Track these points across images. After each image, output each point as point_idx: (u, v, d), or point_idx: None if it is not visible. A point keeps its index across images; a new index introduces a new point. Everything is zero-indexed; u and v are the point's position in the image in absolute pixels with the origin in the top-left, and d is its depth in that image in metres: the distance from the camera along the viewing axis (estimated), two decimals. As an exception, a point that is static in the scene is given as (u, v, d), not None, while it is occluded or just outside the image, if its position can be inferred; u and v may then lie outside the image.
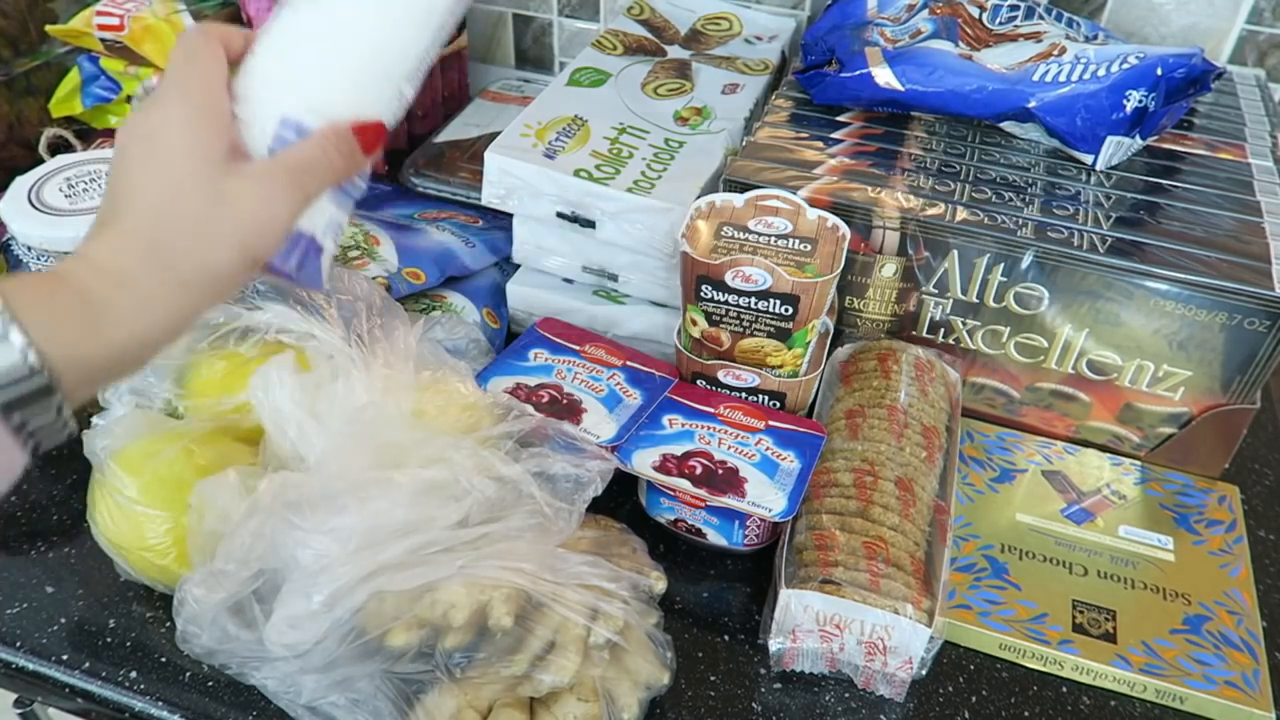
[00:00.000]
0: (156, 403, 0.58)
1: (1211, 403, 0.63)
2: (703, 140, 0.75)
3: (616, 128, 0.75)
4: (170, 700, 0.52)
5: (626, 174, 0.70)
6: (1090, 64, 0.66)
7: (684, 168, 0.71)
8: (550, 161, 0.70)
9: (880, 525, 0.54)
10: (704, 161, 0.72)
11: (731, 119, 0.77)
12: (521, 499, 0.51)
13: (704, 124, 0.77)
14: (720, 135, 0.75)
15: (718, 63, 0.86)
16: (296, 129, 0.42)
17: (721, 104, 0.80)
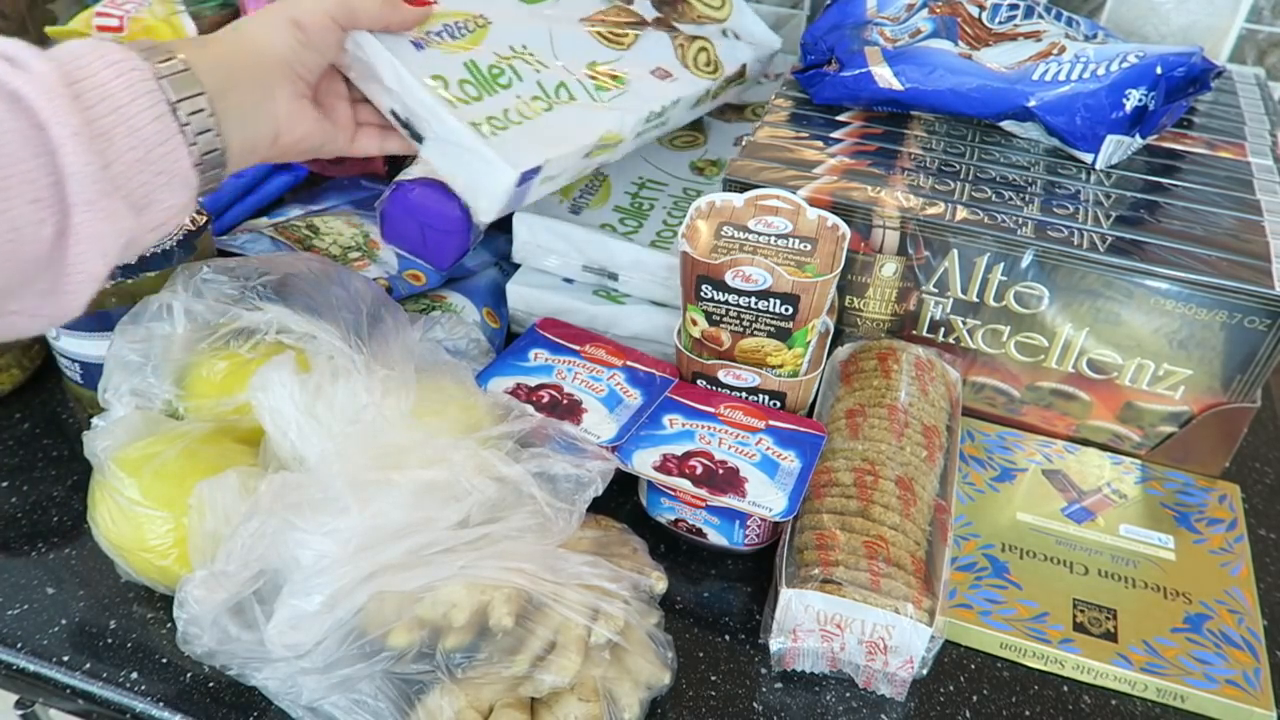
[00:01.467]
0: (157, 404, 0.58)
1: (1212, 401, 0.63)
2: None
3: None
4: (171, 701, 0.52)
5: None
6: (1090, 63, 0.66)
7: None
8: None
9: (881, 525, 0.54)
10: None
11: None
12: (522, 499, 0.51)
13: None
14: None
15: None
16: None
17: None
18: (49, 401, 0.70)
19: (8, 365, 0.69)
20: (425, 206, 0.71)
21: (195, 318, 0.57)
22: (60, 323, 0.44)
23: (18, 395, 0.70)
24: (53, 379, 0.71)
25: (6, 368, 0.69)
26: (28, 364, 0.70)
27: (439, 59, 0.59)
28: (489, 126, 0.59)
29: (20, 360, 0.70)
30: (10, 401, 0.70)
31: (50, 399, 0.70)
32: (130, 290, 0.59)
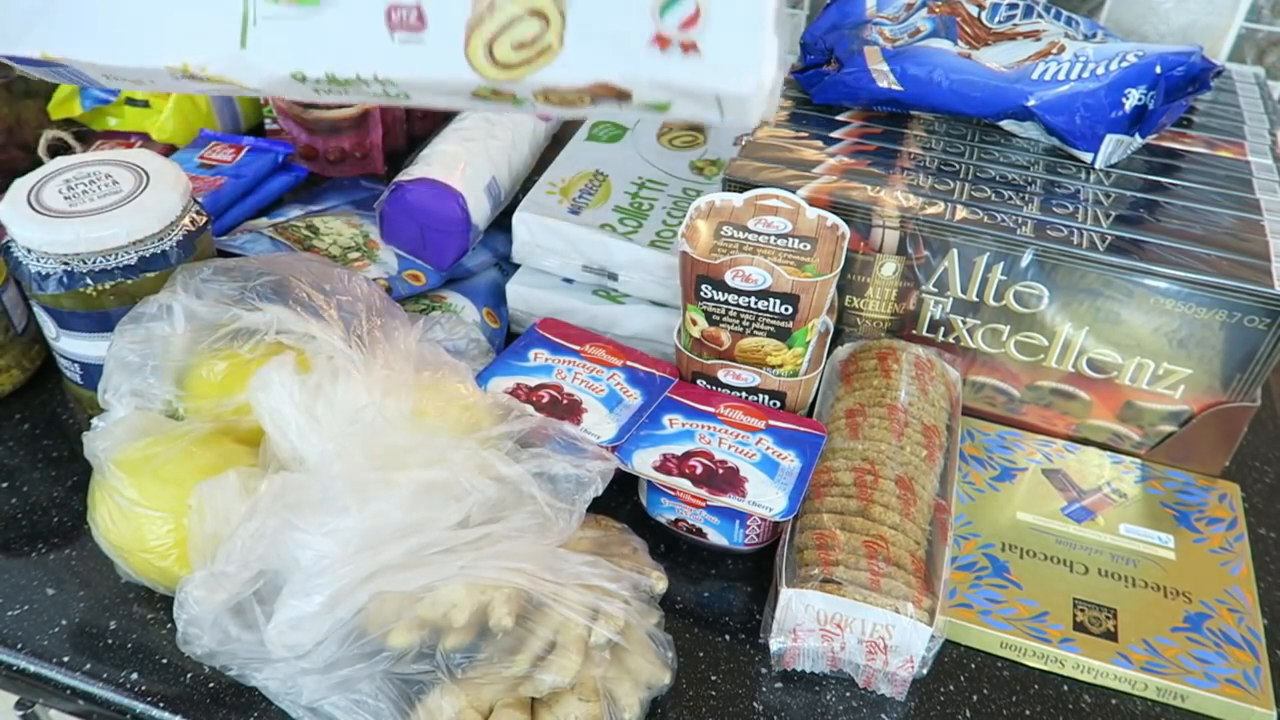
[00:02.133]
0: (156, 404, 0.58)
1: (1212, 400, 0.63)
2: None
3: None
4: (171, 702, 0.52)
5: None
6: (1089, 62, 0.66)
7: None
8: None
9: (881, 524, 0.54)
10: None
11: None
12: (522, 499, 0.51)
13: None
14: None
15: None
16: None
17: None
18: (49, 402, 0.70)
19: (7, 366, 0.69)
20: (425, 207, 0.71)
21: (195, 318, 0.57)
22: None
23: (18, 396, 0.70)
24: (52, 380, 0.72)
25: (6, 368, 0.69)
26: (28, 365, 0.70)
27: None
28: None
29: (20, 361, 0.70)
30: (10, 402, 0.70)
31: (50, 400, 0.70)
32: (130, 290, 0.59)
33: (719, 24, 0.33)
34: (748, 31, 0.33)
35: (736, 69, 0.34)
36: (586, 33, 0.34)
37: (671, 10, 0.34)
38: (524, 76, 0.35)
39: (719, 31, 0.33)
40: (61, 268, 0.58)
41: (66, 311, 0.60)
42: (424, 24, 0.36)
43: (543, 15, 0.34)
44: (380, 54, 0.36)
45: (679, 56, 0.34)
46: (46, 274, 0.58)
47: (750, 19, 0.33)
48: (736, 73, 0.34)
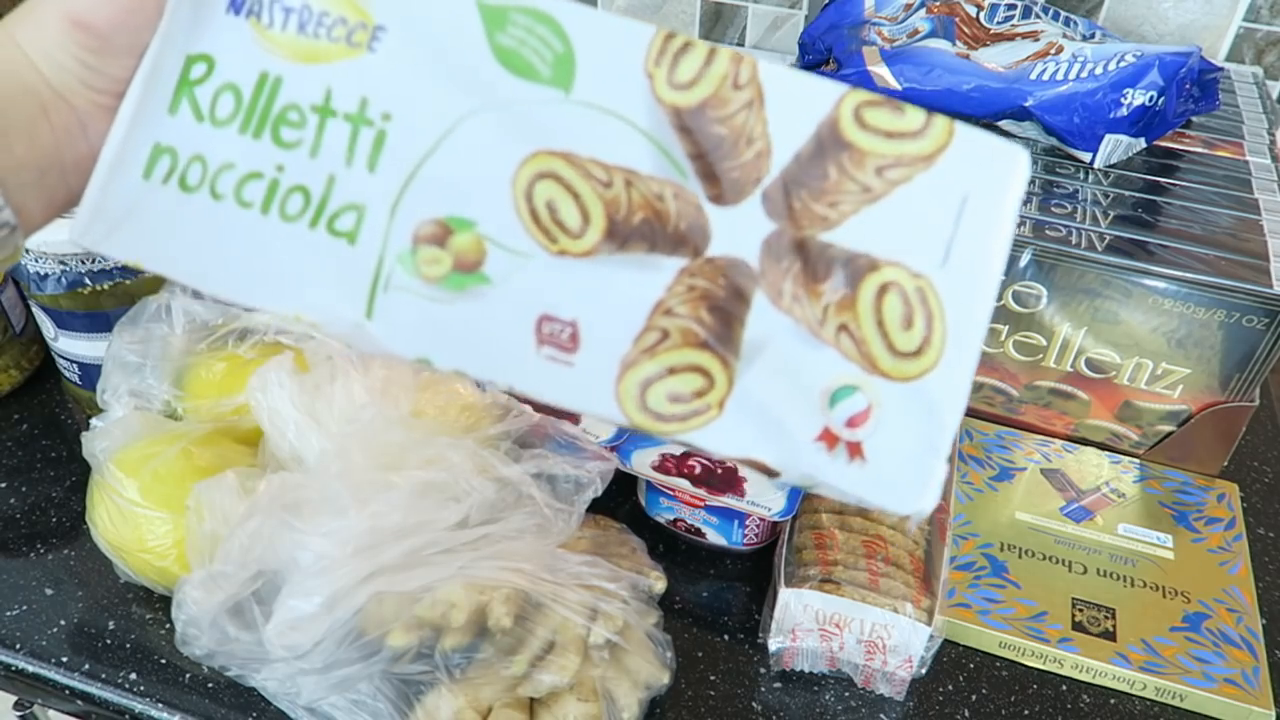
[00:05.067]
0: (155, 404, 0.58)
1: (1210, 400, 0.63)
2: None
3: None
4: (170, 702, 0.52)
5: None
6: (1088, 62, 0.66)
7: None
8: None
9: (879, 524, 0.54)
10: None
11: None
12: (521, 500, 0.51)
13: None
14: None
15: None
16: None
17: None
18: (48, 402, 0.70)
19: (6, 366, 0.69)
20: None
21: (194, 318, 0.57)
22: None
23: (16, 396, 0.70)
24: (51, 380, 0.71)
25: (5, 369, 0.69)
26: (26, 365, 0.70)
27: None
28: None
29: (19, 361, 0.70)
30: (9, 402, 0.70)
31: (49, 400, 0.70)
32: (129, 291, 0.59)
33: (890, 434, 0.30)
34: (919, 452, 0.30)
35: (899, 490, 0.30)
36: (751, 407, 0.31)
37: (842, 401, 0.31)
38: (673, 433, 0.31)
39: (889, 443, 0.30)
40: (60, 268, 0.58)
41: (65, 312, 0.60)
42: (577, 346, 0.31)
43: (708, 375, 0.31)
44: (521, 365, 0.32)
45: (844, 459, 0.31)
46: (45, 274, 0.58)
47: (925, 438, 0.30)
48: (898, 495, 0.30)
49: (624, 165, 0.31)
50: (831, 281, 0.31)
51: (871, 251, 0.31)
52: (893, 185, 0.31)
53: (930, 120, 0.30)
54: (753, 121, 0.31)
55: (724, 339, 0.31)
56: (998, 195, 0.31)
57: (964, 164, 0.30)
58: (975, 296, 0.31)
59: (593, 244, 0.31)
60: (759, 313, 0.31)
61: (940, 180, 0.30)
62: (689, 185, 0.31)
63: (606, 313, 0.31)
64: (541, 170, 0.31)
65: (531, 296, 0.31)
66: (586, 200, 0.31)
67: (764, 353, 0.31)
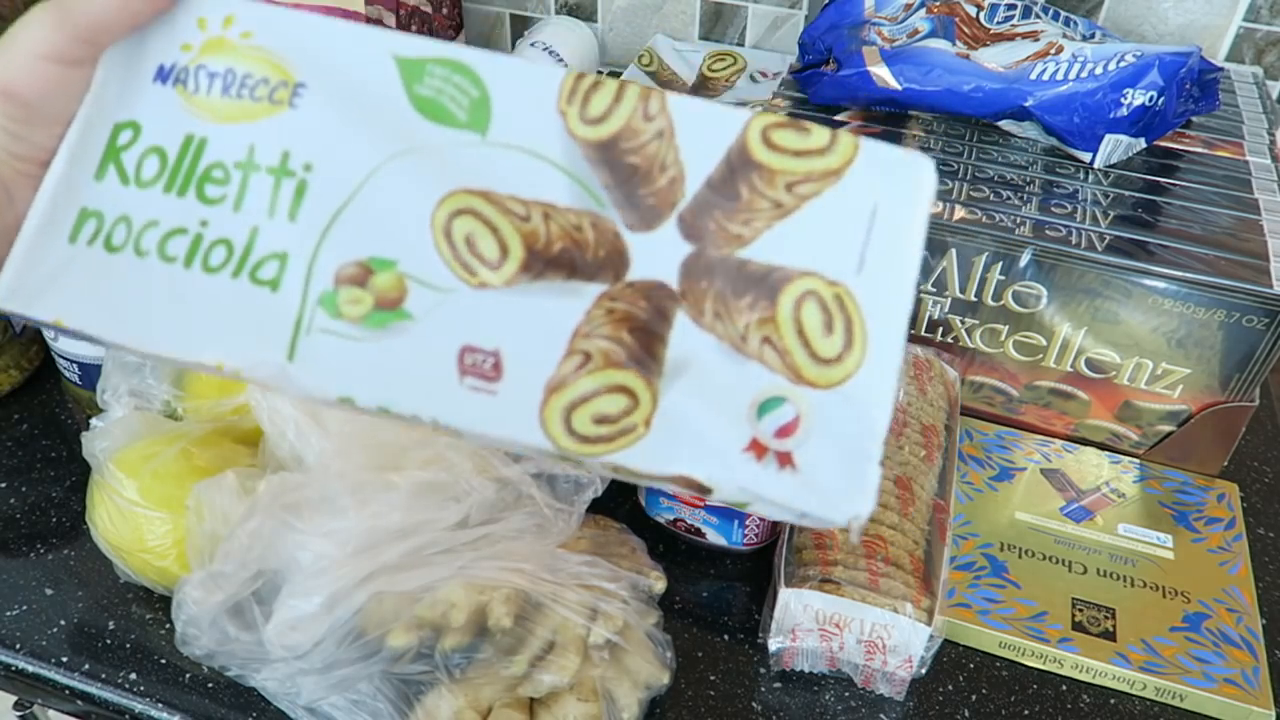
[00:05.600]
0: (155, 404, 0.58)
1: (1210, 400, 0.63)
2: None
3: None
4: (170, 702, 0.52)
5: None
6: (1088, 62, 0.66)
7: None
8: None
9: (879, 524, 0.54)
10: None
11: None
12: (521, 500, 0.51)
13: None
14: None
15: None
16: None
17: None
18: (47, 402, 0.70)
19: (6, 366, 0.69)
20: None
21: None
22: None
23: (16, 396, 0.70)
24: (51, 380, 0.71)
25: (5, 369, 0.69)
26: (26, 365, 0.70)
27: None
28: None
29: (19, 361, 0.70)
30: (9, 402, 0.70)
31: (49, 400, 0.70)
32: (128, 291, 0.59)
33: (820, 441, 0.30)
34: (851, 457, 0.30)
35: (833, 497, 0.30)
36: (678, 423, 0.31)
37: (770, 413, 0.31)
38: (600, 455, 0.31)
39: (819, 450, 0.30)
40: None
41: (65, 312, 0.60)
42: (500, 375, 0.31)
43: (632, 394, 0.31)
44: (444, 398, 0.32)
45: (774, 469, 0.31)
46: (45, 274, 0.58)
47: (855, 443, 0.30)
48: (832, 501, 0.30)
49: (541, 199, 0.32)
50: (751, 296, 0.31)
51: (787, 264, 0.31)
52: (803, 200, 0.31)
53: (836, 137, 0.31)
54: (665, 150, 0.32)
55: (646, 359, 0.31)
56: (906, 202, 0.31)
57: (871, 175, 0.31)
58: (892, 301, 0.31)
59: (511, 274, 0.32)
60: (681, 332, 0.31)
61: (849, 192, 0.31)
62: (606, 214, 0.32)
63: (528, 341, 0.31)
64: (460, 207, 0.32)
65: (453, 330, 0.32)
66: (504, 233, 0.32)
67: (688, 370, 0.31)
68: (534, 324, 0.32)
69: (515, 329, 0.32)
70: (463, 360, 0.31)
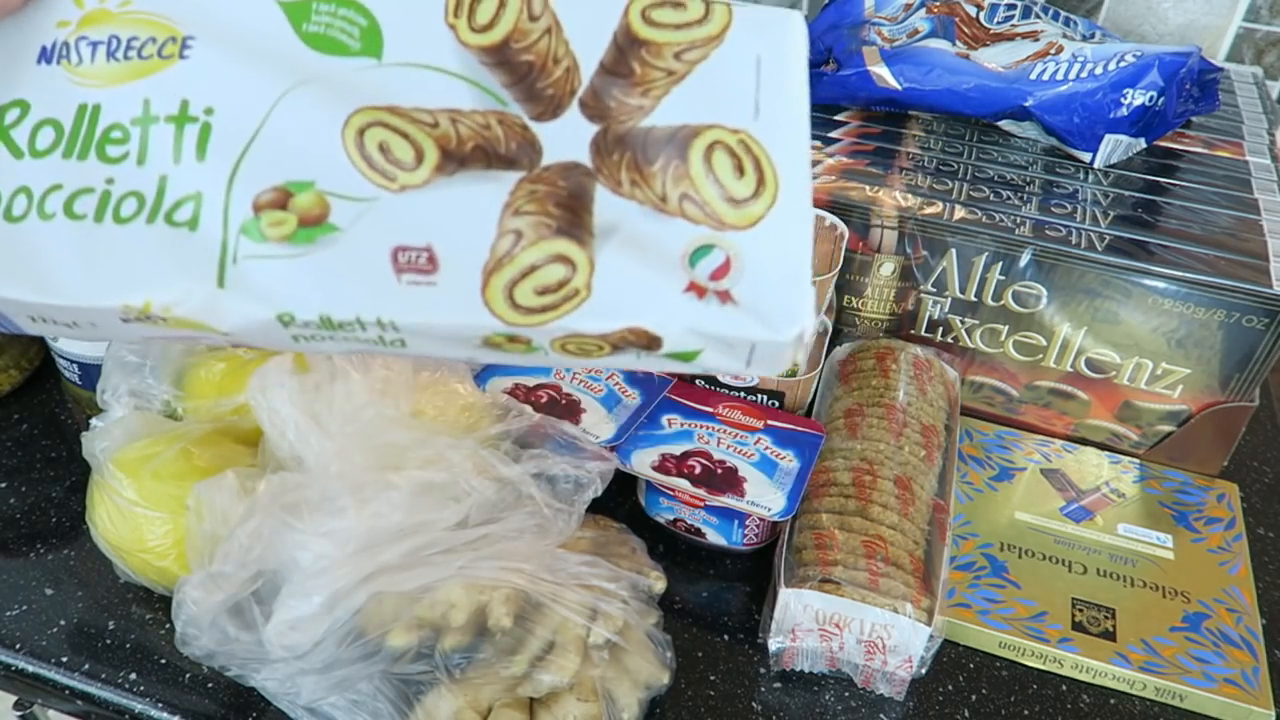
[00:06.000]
0: (155, 404, 0.58)
1: (1210, 400, 0.63)
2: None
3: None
4: (170, 702, 0.52)
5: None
6: (1088, 62, 0.66)
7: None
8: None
9: (879, 524, 0.54)
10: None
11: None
12: (521, 500, 0.51)
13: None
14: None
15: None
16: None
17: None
18: (47, 402, 0.70)
19: (6, 366, 0.69)
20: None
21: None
22: None
23: (16, 396, 0.70)
24: (51, 380, 0.71)
25: (5, 369, 0.69)
26: (26, 365, 0.70)
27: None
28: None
29: (19, 361, 0.70)
30: (9, 402, 0.70)
31: (49, 400, 0.70)
32: (128, 291, 0.59)
33: (752, 275, 0.32)
34: (784, 282, 0.32)
35: (776, 320, 0.32)
36: (617, 280, 0.32)
37: (701, 260, 0.32)
38: (549, 322, 0.32)
39: (753, 283, 0.32)
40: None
41: (65, 312, 0.60)
42: (436, 267, 0.32)
43: (569, 261, 0.32)
44: (385, 296, 0.32)
45: (716, 304, 0.32)
46: (45, 274, 0.58)
47: (785, 269, 0.32)
48: (776, 323, 0.32)
49: (447, 107, 0.34)
50: (662, 158, 0.33)
51: (690, 121, 0.34)
52: (692, 65, 0.34)
53: (710, 6, 0.34)
54: (555, 44, 0.34)
55: (576, 228, 0.33)
56: (786, 50, 0.34)
57: (750, 32, 0.34)
58: (792, 137, 0.34)
59: (429, 174, 0.33)
60: (603, 203, 0.33)
61: (733, 50, 0.34)
62: (511, 110, 0.34)
63: (457, 230, 0.33)
64: (368, 121, 0.33)
65: (381, 233, 0.33)
66: (416, 138, 0.33)
67: (616, 234, 0.33)
68: (460, 215, 0.33)
69: (443, 222, 0.33)
70: (396, 259, 0.32)
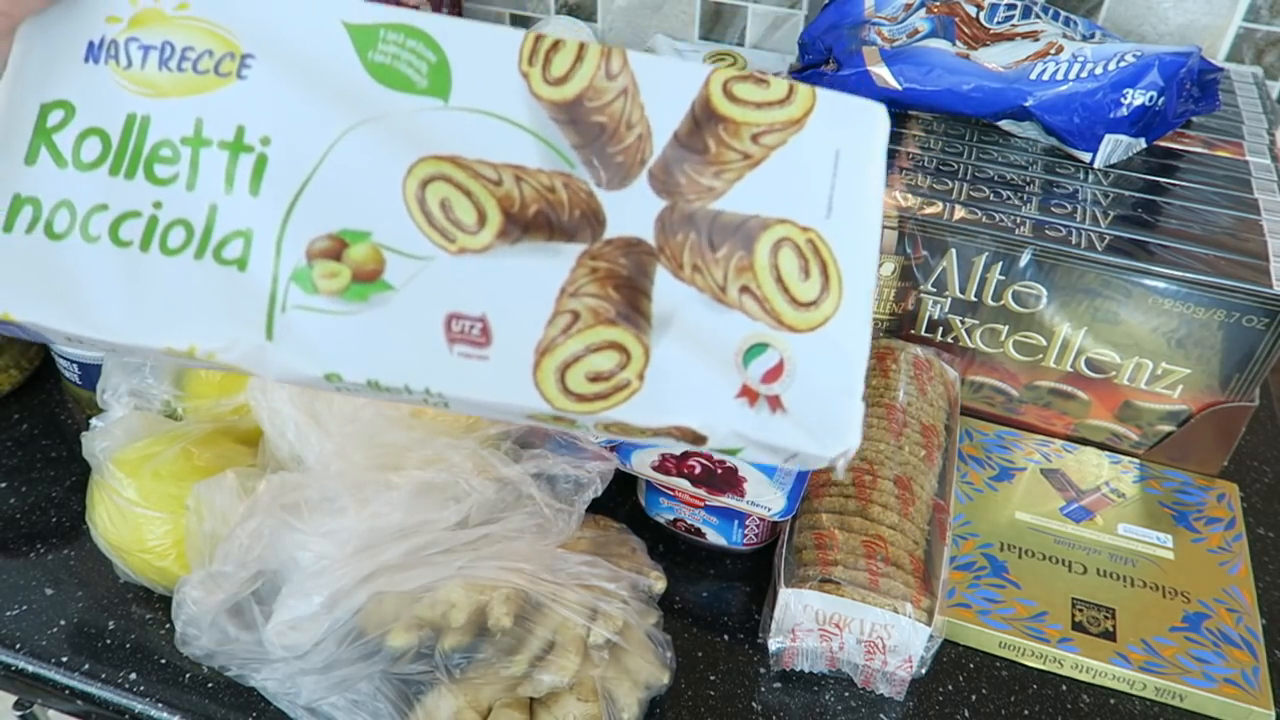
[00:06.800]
0: (155, 404, 0.58)
1: (1210, 400, 0.63)
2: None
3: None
4: (170, 702, 0.52)
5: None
6: (1088, 62, 0.66)
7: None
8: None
9: (879, 524, 0.54)
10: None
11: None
12: (521, 500, 0.51)
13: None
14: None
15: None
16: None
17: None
18: (47, 402, 0.70)
19: (6, 366, 0.69)
20: None
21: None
22: None
23: (16, 396, 0.70)
24: (51, 380, 0.71)
25: (5, 368, 0.69)
26: (26, 365, 0.70)
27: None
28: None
29: (19, 361, 0.70)
30: (9, 402, 0.70)
31: (49, 400, 0.70)
32: (128, 291, 0.59)
33: (805, 383, 0.32)
34: (836, 394, 0.32)
35: (822, 435, 0.31)
36: (670, 375, 0.31)
37: (755, 359, 0.32)
38: (598, 411, 0.31)
39: (805, 391, 0.32)
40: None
41: (65, 312, 0.60)
42: (489, 340, 0.31)
43: (624, 349, 0.31)
44: (434, 366, 0.31)
45: (766, 412, 0.31)
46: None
47: (839, 380, 0.32)
48: (821, 439, 0.31)
49: (512, 162, 0.32)
50: (727, 247, 0.32)
51: (760, 212, 0.32)
52: (769, 150, 0.33)
53: (794, 87, 0.33)
54: (630, 108, 0.33)
55: (634, 314, 0.32)
56: (866, 147, 0.33)
57: (831, 123, 0.33)
58: (862, 242, 0.33)
59: (491, 239, 0.32)
60: (663, 286, 0.32)
61: (812, 140, 0.33)
62: (578, 174, 0.32)
63: (514, 304, 0.31)
64: (431, 174, 0.32)
65: (437, 297, 0.31)
66: (479, 198, 0.32)
67: (673, 323, 0.32)
68: (518, 287, 0.32)
69: (500, 293, 0.31)
70: (449, 328, 0.31)
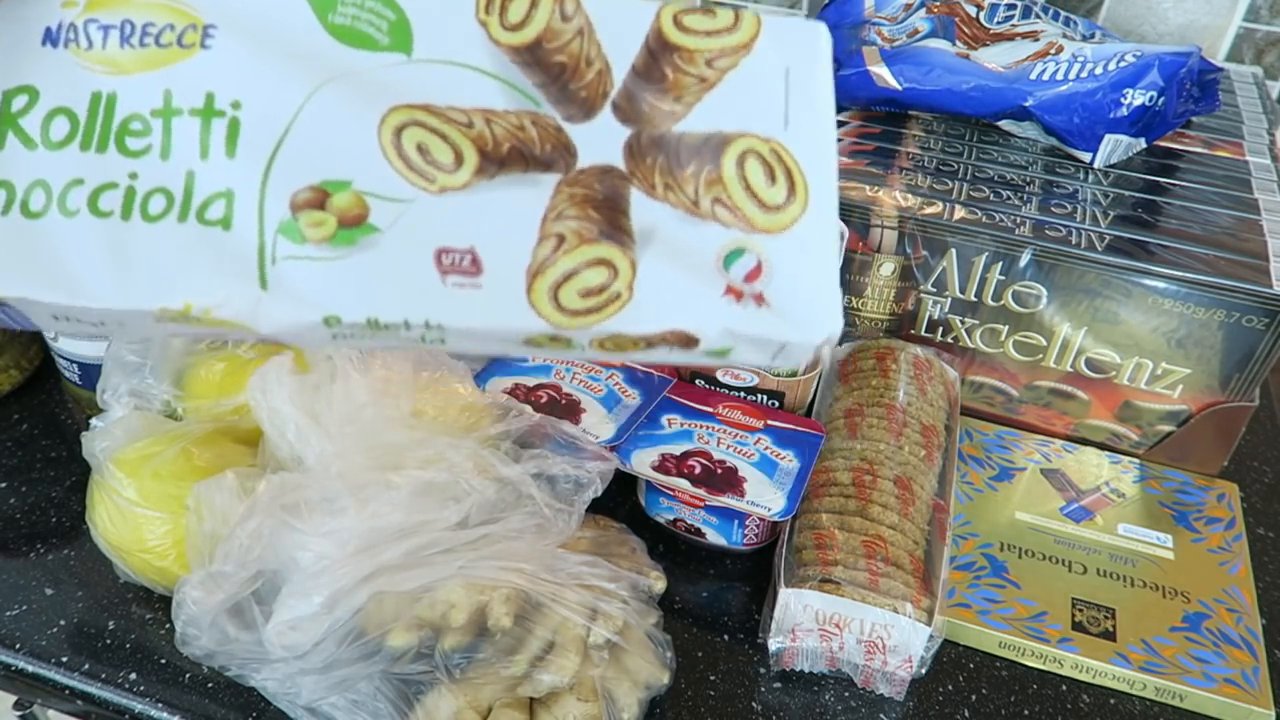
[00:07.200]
0: (155, 404, 0.58)
1: (1210, 400, 0.63)
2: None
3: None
4: (170, 702, 0.52)
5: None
6: (1088, 62, 0.66)
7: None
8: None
9: (879, 524, 0.54)
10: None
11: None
12: (521, 500, 0.51)
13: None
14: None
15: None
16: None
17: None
18: (47, 402, 0.70)
19: (6, 366, 0.69)
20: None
21: (193, 318, 0.56)
22: None
23: (16, 396, 0.70)
24: (51, 380, 0.71)
25: (5, 368, 0.69)
26: (26, 365, 0.70)
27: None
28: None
29: (19, 361, 0.70)
30: (9, 402, 0.70)
31: (49, 400, 0.70)
32: (128, 291, 0.59)
33: (783, 279, 0.34)
34: (814, 286, 0.34)
35: (806, 323, 0.34)
36: (658, 284, 0.33)
37: (735, 263, 0.34)
38: (593, 324, 0.33)
39: (784, 287, 0.34)
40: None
41: (65, 312, 0.60)
42: (480, 269, 0.33)
43: (611, 265, 0.33)
44: (430, 298, 0.32)
45: (753, 308, 0.33)
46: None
47: (815, 274, 0.34)
48: (808, 325, 0.34)
49: (480, 106, 0.34)
50: (695, 164, 0.34)
51: (722, 129, 0.35)
52: (723, 73, 0.35)
53: (740, 15, 0.35)
54: (587, 45, 0.35)
55: (616, 231, 0.33)
56: (813, 62, 0.35)
57: (778, 44, 0.35)
58: (820, 148, 0.35)
59: (470, 176, 0.33)
60: (639, 207, 0.34)
61: (762, 61, 0.35)
62: (544, 111, 0.34)
63: (500, 233, 0.33)
64: (404, 121, 0.33)
65: (423, 234, 0.33)
66: (454, 139, 0.33)
67: (654, 239, 0.34)
68: (502, 217, 0.33)
69: (485, 224, 0.33)
70: (440, 261, 0.33)
